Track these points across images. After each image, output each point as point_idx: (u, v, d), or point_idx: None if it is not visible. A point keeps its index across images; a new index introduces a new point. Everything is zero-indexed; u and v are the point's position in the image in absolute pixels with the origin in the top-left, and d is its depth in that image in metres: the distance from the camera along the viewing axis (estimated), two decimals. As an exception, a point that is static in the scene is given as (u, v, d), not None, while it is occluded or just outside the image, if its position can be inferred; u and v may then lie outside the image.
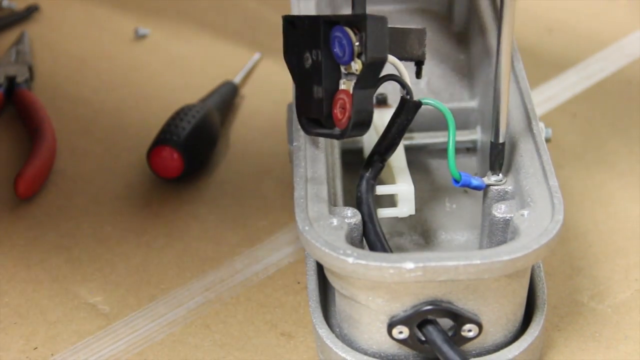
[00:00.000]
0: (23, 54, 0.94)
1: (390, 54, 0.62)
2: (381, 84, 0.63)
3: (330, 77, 0.63)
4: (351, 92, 0.61)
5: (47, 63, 0.95)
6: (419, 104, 0.64)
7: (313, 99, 0.64)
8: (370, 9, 0.65)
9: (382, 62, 0.61)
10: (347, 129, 0.61)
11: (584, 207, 0.77)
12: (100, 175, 0.82)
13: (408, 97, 0.64)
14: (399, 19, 0.84)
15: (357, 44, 0.60)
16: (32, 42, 0.97)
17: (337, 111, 0.62)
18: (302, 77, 0.64)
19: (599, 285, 0.71)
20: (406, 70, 0.64)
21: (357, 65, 0.61)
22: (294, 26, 0.64)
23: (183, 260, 0.75)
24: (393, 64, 0.63)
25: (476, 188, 0.66)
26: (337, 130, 0.63)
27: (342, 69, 0.62)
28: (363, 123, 0.62)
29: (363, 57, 0.60)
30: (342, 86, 0.63)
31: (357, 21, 0.60)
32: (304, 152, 0.66)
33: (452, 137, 0.63)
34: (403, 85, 0.64)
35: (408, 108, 0.64)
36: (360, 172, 0.65)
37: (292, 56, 0.65)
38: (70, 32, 0.99)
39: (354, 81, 0.61)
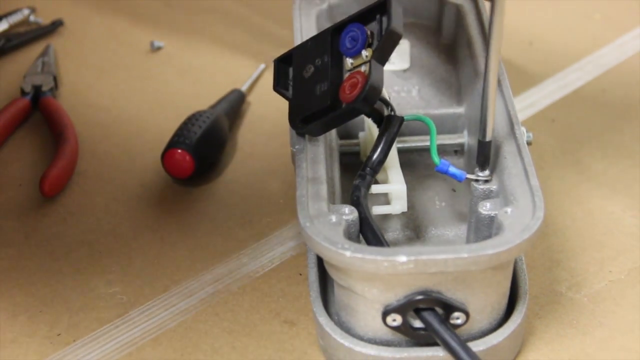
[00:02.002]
0: (48, 65, 0.93)
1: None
2: None
3: (335, 72, 0.65)
4: (363, 70, 0.63)
5: (70, 73, 0.94)
6: (402, 120, 0.66)
7: (315, 95, 0.65)
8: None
9: (399, 36, 0.63)
10: (358, 98, 0.62)
11: (562, 205, 0.77)
12: (118, 176, 0.82)
13: (392, 113, 0.65)
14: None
15: (369, 33, 0.64)
16: (56, 54, 0.96)
17: (346, 88, 0.63)
18: (300, 87, 0.66)
19: (576, 277, 0.71)
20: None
21: (367, 53, 0.64)
22: (286, 62, 0.68)
23: (194, 254, 0.74)
24: None
25: (454, 176, 0.65)
26: (341, 107, 0.63)
27: (348, 62, 0.65)
28: (374, 94, 0.63)
29: (381, 33, 0.63)
30: (346, 75, 0.65)
31: (381, 3, 0.63)
32: (305, 154, 0.66)
33: (433, 134, 0.65)
34: (387, 104, 0.66)
35: (393, 124, 0.65)
36: (354, 181, 0.65)
37: (281, 86, 0.68)
38: (91, 45, 0.99)
39: (369, 61, 0.63)
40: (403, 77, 0.81)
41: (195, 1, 1.04)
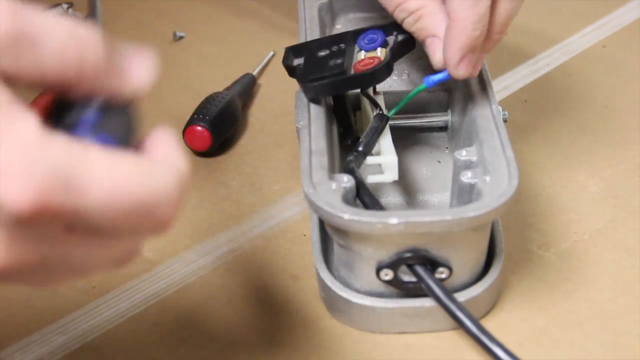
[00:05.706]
0: (84, 53, 0.92)
1: None
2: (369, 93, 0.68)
3: (349, 57, 0.66)
4: (379, 55, 0.66)
5: (103, 60, 0.93)
6: (387, 118, 0.67)
7: (329, 66, 0.66)
8: (359, 15, 0.71)
9: (413, 46, 0.68)
10: (372, 69, 0.64)
11: (534, 175, 0.76)
12: (145, 149, 0.81)
13: (380, 112, 0.67)
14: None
15: (387, 39, 0.67)
16: (91, 43, 0.95)
17: (359, 64, 0.65)
18: (313, 61, 0.67)
19: (546, 237, 0.70)
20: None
21: (381, 52, 0.66)
22: (293, 51, 0.69)
23: (212, 217, 0.73)
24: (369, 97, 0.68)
25: (440, 80, 0.66)
26: (352, 74, 0.65)
27: (362, 55, 0.66)
28: (385, 72, 0.65)
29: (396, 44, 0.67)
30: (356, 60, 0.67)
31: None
32: (309, 129, 0.65)
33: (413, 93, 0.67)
34: (376, 105, 0.67)
35: (381, 120, 0.66)
36: (348, 158, 0.64)
37: (288, 61, 0.69)
38: (121, 35, 0.96)
39: (388, 53, 0.66)
40: (395, 64, 0.80)
41: (212, -3, 1.03)
